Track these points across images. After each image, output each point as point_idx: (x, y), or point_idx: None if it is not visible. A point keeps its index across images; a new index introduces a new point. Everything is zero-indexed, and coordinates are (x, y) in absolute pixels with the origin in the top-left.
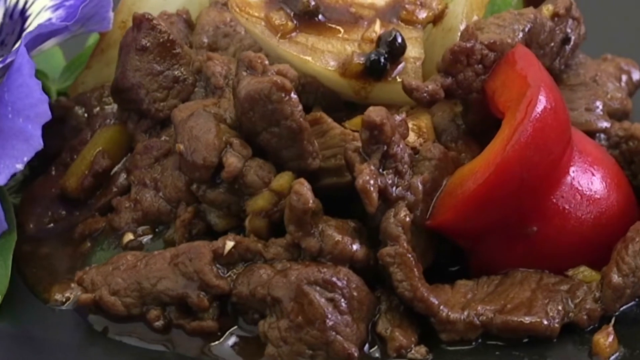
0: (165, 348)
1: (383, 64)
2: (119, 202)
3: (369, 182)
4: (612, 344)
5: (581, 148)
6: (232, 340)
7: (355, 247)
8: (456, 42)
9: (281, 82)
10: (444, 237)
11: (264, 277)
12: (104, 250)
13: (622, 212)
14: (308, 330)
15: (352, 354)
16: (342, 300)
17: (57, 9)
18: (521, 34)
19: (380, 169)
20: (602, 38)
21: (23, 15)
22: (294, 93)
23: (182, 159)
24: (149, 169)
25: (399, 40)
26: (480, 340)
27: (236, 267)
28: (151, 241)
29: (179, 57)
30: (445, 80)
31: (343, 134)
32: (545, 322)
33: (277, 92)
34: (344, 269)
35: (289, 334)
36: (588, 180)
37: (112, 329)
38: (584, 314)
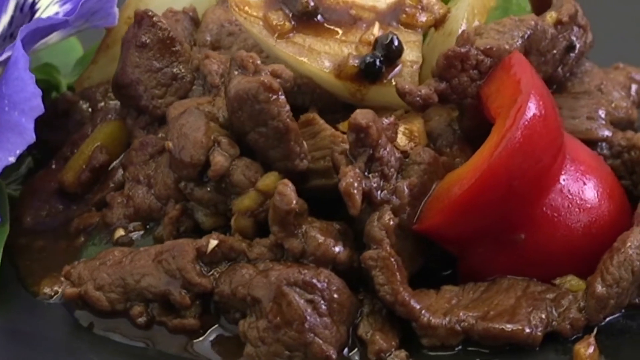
0: (146, 345)
1: (378, 67)
2: (112, 198)
3: (353, 184)
4: (592, 354)
5: (574, 156)
6: (213, 338)
7: (338, 249)
8: (450, 47)
9: (268, 83)
10: (435, 242)
11: (245, 276)
12: (95, 245)
13: (614, 222)
14: (286, 331)
15: (330, 356)
16: (322, 302)
17: (64, 3)
18: (520, 41)
19: (366, 172)
20: (617, 47)
21: (32, 9)
22: (281, 94)
23: (170, 156)
24: (144, 165)
25: (396, 43)
26: (462, 347)
27: (220, 266)
28: (141, 237)
29: (178, 54)
30: (439, 85)
31: (333, 136)
32: (527, 330)
33: (264, 92)
34: (325, 271)
35: (267, 334)
36: (579, 189)
37: (97, 325)
38: (567, 323)
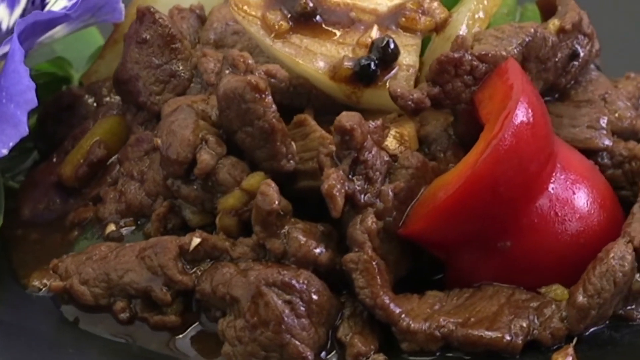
0: (126, 341)
1: (373, 70)
2: (105, 193)
3: (335, 186)
4: None
5: (566, 165)
6: (194, 335)
7: (319, 250)
8: (444, 52)
9: (255, 82)
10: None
11: (226, 275)
12: (87, 239)
13: (604, 233)
14: (262, 331)
15: (306, 357)
16: (300, 304)
17: None
18: (518, 47)
19: (350, 175)
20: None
21: (43, 2)
22: (268, 94)
23: (160, 153)
24: (138, 161)
25: (392, 46)
26: (441, 353)
27: (203, 264)
28: (131, 233)
29: (177, 51)
30: (432, 90)
31: (322, 137)
32: (507, 338)
33: (250, 91)
34: (305, 272)
35: (244, 333)
36: (568, 198)
37: (82, 320)
38: (549, 332)
